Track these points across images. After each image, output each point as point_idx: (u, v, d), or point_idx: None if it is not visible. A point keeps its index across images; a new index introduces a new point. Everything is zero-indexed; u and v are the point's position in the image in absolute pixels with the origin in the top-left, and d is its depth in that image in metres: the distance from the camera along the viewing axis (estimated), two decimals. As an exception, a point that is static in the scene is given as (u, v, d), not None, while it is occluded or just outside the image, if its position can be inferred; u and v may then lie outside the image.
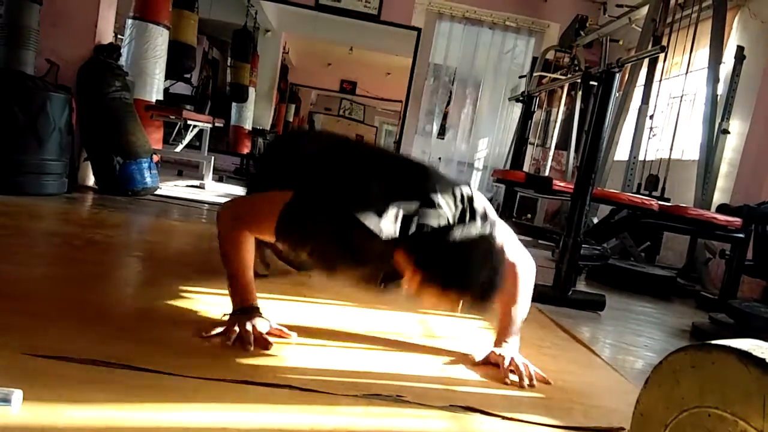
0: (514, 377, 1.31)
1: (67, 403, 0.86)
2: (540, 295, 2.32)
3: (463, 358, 1.40)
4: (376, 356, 1.34)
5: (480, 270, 1.11)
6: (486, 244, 1.14)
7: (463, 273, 1.11)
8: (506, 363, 1.34)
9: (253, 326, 1.27)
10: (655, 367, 0.84)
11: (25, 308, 1.24)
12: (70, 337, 1.11)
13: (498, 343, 1.41)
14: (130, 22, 3.95)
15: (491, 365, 1.37)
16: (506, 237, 1.38)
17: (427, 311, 1.79)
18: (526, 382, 1.29)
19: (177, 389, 0.98)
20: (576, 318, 2.19)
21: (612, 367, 1.59)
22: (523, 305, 1.44)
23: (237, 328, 1.25)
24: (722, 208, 3.19)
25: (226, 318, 1.30)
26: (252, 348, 1.21)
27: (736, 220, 2.73)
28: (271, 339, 1.27)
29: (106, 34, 3.29)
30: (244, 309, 1.31)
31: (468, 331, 1.70)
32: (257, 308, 1.32)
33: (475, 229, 1.13)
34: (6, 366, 0.94)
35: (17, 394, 0.83)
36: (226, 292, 1.32)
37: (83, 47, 3.15)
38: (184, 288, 1.61)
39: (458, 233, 1.11)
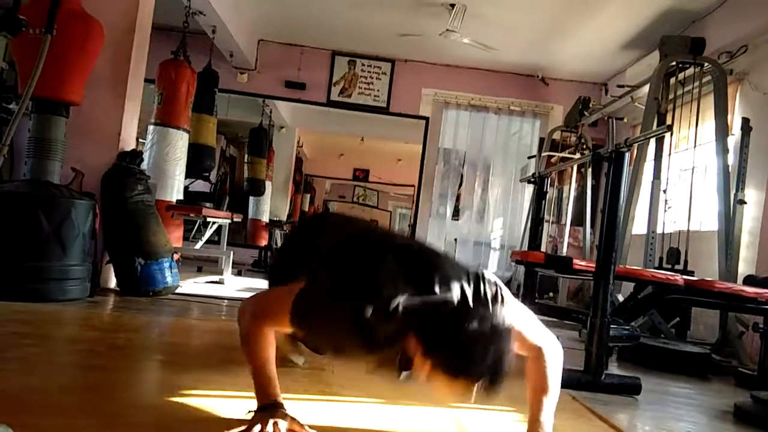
0: None
1: None
2: (571, 381, 2.24)
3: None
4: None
5: (485, 354, 1.09)
6: (494, 327, 1.12)
7: (469, 358, 1.09)
8: None
9: (274, 424, 1.24)
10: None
11: (51, 423, 1.21)
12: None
13: None
14: (151, 127, 4.14)
15: None
16: (525, 319, 1.36)
17: (458, 405, 1.73)
18: None
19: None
20: (611, 404, 2.09)
21: (656, 458, 1.51)
22: (553, 392, 1.38)
23: (257, 428, 1.23)
24: (749, 280, 3.12)
25: (251, 415, 1.28)
26: None
27: (766, 292, 2.66)
28: None
29: (129, 140, 3.44)
30: (266, 405, 1.29)
31: (503, 426, 1.63)
32: (279, 404, 1.30)
33: (484, 311, 1.12)
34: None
35: None
36: (249, 392, 1.30)
37: (107, 155, 3.28)
38: (206, 391, 1.58)
39: (466, 317, 1.10)
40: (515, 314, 1.33)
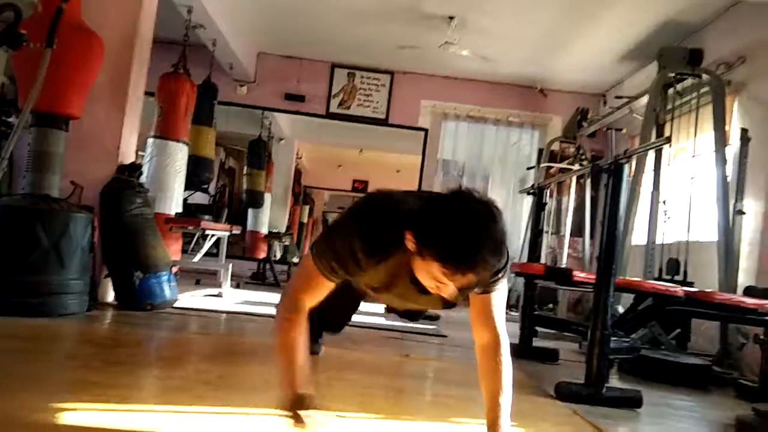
0: None
1: None
2: (572, 394, 2.23)
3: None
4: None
5: (485, 244, 1.09)
6: (498, 224, 1.14)
7: (464, 243, 1.08)
8: None
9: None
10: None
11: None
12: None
13: None
14: (151, 140, 4.14)
15: None
16: (503, 303, 1.36)
17: (461, 421, 1.72)
18: None
19: None
20: (613, 417, 2.08)
21: (659, 474, 1.49)
22: (509, 392, 1.36)
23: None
24: (749, 291, 3.11)
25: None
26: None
27: (766, 303, 2.66)
28: None
29: (128, 154, 3.43)
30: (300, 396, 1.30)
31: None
32: (310, 396, 1.31)
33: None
34: None
35: None
36: (246, 408, 1.30)
37: (106, 168, 3.27)
38: (203, 407, 1.57)
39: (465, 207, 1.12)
40: (501, 295, 1.35)
